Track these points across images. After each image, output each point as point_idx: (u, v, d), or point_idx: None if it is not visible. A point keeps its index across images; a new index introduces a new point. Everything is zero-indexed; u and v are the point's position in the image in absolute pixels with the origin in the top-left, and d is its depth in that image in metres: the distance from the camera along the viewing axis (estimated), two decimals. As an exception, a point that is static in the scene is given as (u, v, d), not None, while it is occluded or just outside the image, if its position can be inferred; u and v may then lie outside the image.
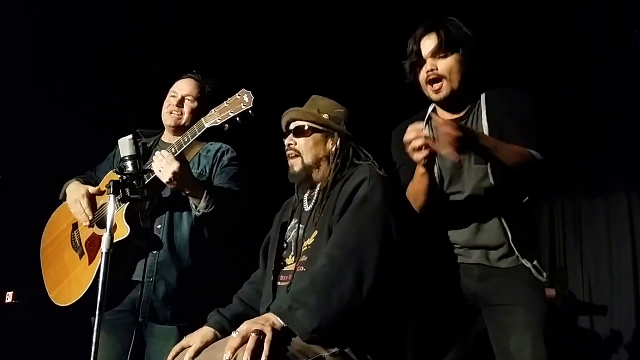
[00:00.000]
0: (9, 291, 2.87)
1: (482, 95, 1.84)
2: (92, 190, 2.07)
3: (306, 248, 1.58)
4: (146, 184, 1.70)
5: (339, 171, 1.66)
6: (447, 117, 1.85)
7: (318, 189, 1.70)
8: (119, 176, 1.63)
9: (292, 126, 1.75)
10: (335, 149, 1.70)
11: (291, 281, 1.54)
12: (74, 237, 2.14)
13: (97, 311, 1.45)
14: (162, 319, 1.96)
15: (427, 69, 1.79)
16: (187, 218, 2.03)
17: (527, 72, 3.66)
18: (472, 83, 1.83)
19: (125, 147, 1.66)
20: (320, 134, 1.72)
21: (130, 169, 1.63)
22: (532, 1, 3.45)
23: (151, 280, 1.96)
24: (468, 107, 1.84)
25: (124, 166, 1.65)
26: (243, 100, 1.79)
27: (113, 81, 3.32)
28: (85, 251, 2.06)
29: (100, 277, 1.47)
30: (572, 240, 4.39)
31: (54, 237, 2.22)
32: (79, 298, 1.95)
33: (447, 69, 1.77)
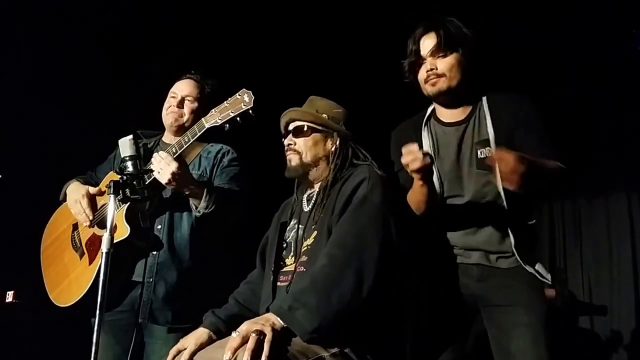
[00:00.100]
0: (9, 291, 2.87)
1: (483, 98, 1.83)
2: (92, 191, 2.07)
3: (306, 248, 1.58)
4: (146, 184, 1.69)
5: (338, 171, 1.67)
6: (446, 113, 1.85)
7: (317, 189, 1.70)
8: (119, 176, 1.63)
9: (290, 126, 1.75)
10: (335, 148, 1.71)
11: (291, 281, 1.55)
12: (74, 238, 2.13)
13: (97, 311, 1.45)
14: (162, 319, 1.95)
15: (426, 68, 1.78)
16: (187, 218, 2.03)
17: (527, 72, 3.67)
18: (471, 83, 1.82)
19: (126, 147, 1.65)
20: (320, 133, 1.72)
21: (130, 169, 1.63)
22: (532, 1, 3.45)
23: (151, 280, 1.96)
24: (469, 110, 1.83)
25: (124, 166, 1.64)
26: (243, 100, 1.79)
27: (113, 81, 3.32)
28: (85, 251, 2.06)
29: (100, 277, 1.47)
30: (571, 240, 4.40)
31: (54, 237, 2.22)
32: (78, 298, 1.95)
33: (447, 67, 1.76)
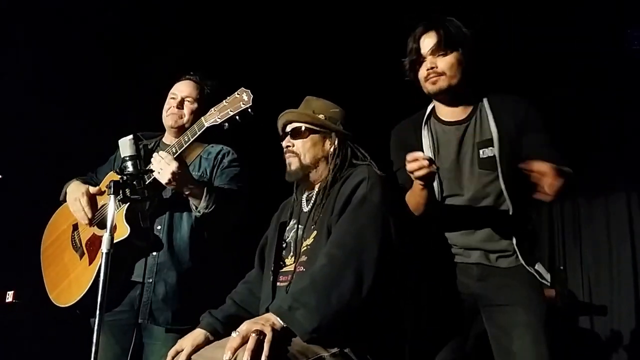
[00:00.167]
0: (9, 290, 2.87)
1: (484, 98, 1.84)
2: (92, 190, 2.07)
3: (305, 248, 1.58)
4: (146, 184, 1.69)
5: (337, 171, 1.66)
6: (446, 112, 1.85)
7: (316, 189, 1.70)
8: (119, 176, 1.63)
9: (288, 128, 1.75)
10: (334, 148, 1.70)
11: (290, 281, 1.55)
12: (74, 238, 2.13)
13: (97, 311, 1.45)
14: (161, 320, 1.95)
15: (426, 66, 1.79)
16: (187, 219, 2.03)
17: (526, 72, 3.67)
18: (471, 83, 1.83)
19: (126, 147, 1.65)
20: (318, 134, 1.71)
21: (130, 169, 1.63)
22: (532, 1, 3.45)
23: (150, 281, 1.96)
24: (470, 109, 1.83)
25: (124, 166, 1.64)
26: (242, 99, 1.79)
27: (113, 81, 3.32)
28: (85, 251, 2.06)
29: (101, 277, 1.47)
30: (571, 240, 4.39)
31: (54, 237, 2.22)
32: (78, 298, 1.95)
33: (447, 66, 1.77)
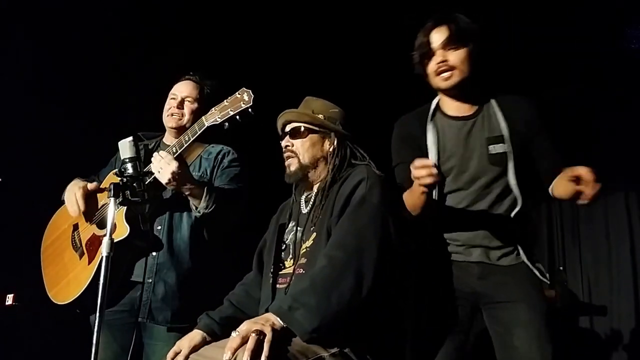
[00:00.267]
0: (9, 293, 2.87)
1: (490, 96, 1.85)
2: (90, 186, 2.06)
3: (304, 250, 1.58)
4: (146, 184, 1.69)
5: (336, 171, 1.66)
6: (452, 107, 1.86)
7: (315, 189, 1.70)
8: (119, 178, 1.63)
9: (287, 128, 1.75)
10: (333, 149, 1.70)
11: (289, 283, 1.54)
12: (74, 238, 2.14)
13: (97, 314, 1.45)
14: (161, 319, 1.95)
15: (437, 60, 1.78)
16: (187, 219, 2.03)
17: (527, 72, 3.67)
18: (478, 80, 1.83)
19: (125, 149, 1.65)
20: (317, 134, 1.71)
21: (130, 171, 1.62)
22: (532, 1, 3.45)
23: (150, 281, 1.96)
24: (477, 105, 1.84)
25: (124, 168, 1.64)
26: (243, 99, 1.79)
27: (113, 81, 3.32)
28: (85, 251, 2.06)
29: (100, 280, 1.47)
30: (570, 240, 4.39)
31: (54, 237, 2.22)
32: (77, 296, 1.95)
33: (459, 60, 1.77)
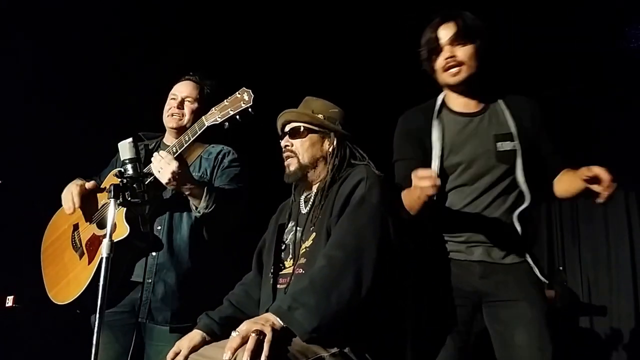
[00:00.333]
0: (10, 295, 2.87)
1: (498, 97, 1.87)
2: (88, 185, 2.06)
3: (304, 250, 1.58)
4: (146, 185, 1.69)
5: (336, 171, 1.66)
6: (459, 103, 1.86)
7: (314, 189, 1.70)
8: (119, 179, 1.62)
9: (287, 128, 1.75)
10: (333, 148, 1.70)
11: (289, 283, 1.55)
12: (74, 238, 2.14)
13: (97, 314, 1.46)
14: (160, 320, 1.96)
15: (445, 56, 1.79)
16: (187, 220, 2.03)
17: (527, 72, 3.67)
18: (485, 78, 1.84)
19: (125, 150, 1.65)
20: (316, 134, 1.71)
21: (130, 171, 1.62)
22: (532, 1, 3.45)
23: (150, 281, 1.96)
24: (483, 103, 1.86)
25: (124, 169, 1.63)
26: (243, 99, 1.79)
27: (113, 82, 3.32)
28: (85, 251, 2.06)
29: (100, 281, 1.47)
30: (570, 240, 4.39)
31: (54, 237, 2.22)
32: (77, 296, 1.95)
33: (466, 55, 1.78)
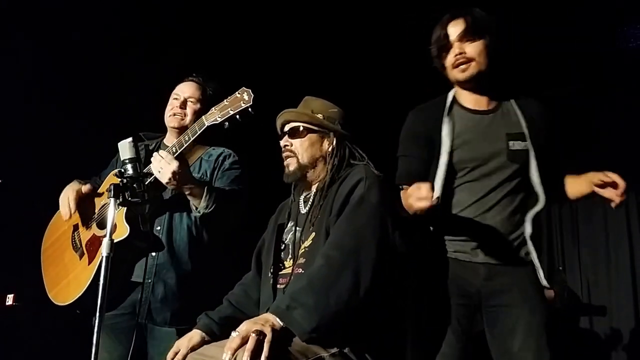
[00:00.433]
0: (10, 293, 2.88)
1: (509, 97, 1.87)
2: (84, 189, 2.07)
3: (303, 250, 1.58)
4: (146, 184, 1.69)
5: (335, 171, 1.66)
6: (470, 100, 1.86)
7: (314, 189, 1.70)
8: (119, 179, 1.62)
9: (286, 127, 1.75)
10: (332, 148, 1.70)
11: (288, 283, 1.55)
12: (74, 238, 2.14)
13: (97, 314, 1.46)
14: (160, 320, 1.96)
15: (454, 52, 1.79)
16: (187, 220, 2.03)
17: (527, 72, 3.67)
18: (496, 76, 1.84)
19: (125, 149, 1.64)
20: (316, 134, 1.71)
21: (130, 171, 1.62)
22: (532, 1, 3.45)
23: (150, 281, 1.96)
24: (495, 101, 1.86)
25: (124, 169, 1.63)
26: (243, 98, 1.79)
27: (113, 82, 3.33)
28: (85, 252, 2.06)
29: (100, 281, 1.47)
30: (569, 240, 4.40)
31: (54, 238, 2.22)
32: (77, 297, 1.96)
33: (476, 52, 1.78)
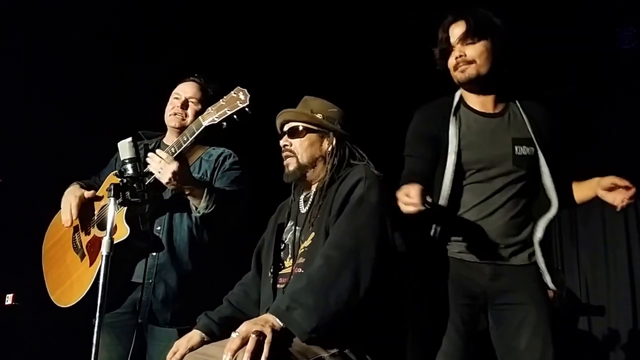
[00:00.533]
0: (9, 293, 2.88)
1: (516, 101, 1.87)
2: (87, 194, 2.06)
3: (303, 250, 1.58)
4: (146, 184, 1.69)
5: (335, 171, 1.66)
6: (476, 102, 1.86)
7: (314, 189, 1.70)
8: (119, 179, 1.62)
9: (286, 127, 1.75)
10: (332, 148, 1.70)
11: (288, 283, 1.55)
12: (75, 240, 2.13)
13: (97, 313, 1.46)
14: (161, 320, 1.96)
15: (455, 54, 1.80)
16: (187, 220, 2.03)
17: (527, 72, 3.67)
18: (502, 75, 1.83)
19: (125, 149, 1.64)
20: (315, 134, 1.71)
21: (130, 171, 1.62)
22: (532, 1, 3.45)
23: (150, 281, 1.96)
24: (502, 104, 1.86)
25: (123, 169, 1.63)
26: (239, 98, 1.79)
27: (113, 82, 3.33)
28: (86, 253, 2.06)
29: (100, 280, 1.47)
30: (568, 241, 4.40)
31: (55, 239, 2.22)
32: (80, 299, 1.95)
33: (476, 54, 1.77)
